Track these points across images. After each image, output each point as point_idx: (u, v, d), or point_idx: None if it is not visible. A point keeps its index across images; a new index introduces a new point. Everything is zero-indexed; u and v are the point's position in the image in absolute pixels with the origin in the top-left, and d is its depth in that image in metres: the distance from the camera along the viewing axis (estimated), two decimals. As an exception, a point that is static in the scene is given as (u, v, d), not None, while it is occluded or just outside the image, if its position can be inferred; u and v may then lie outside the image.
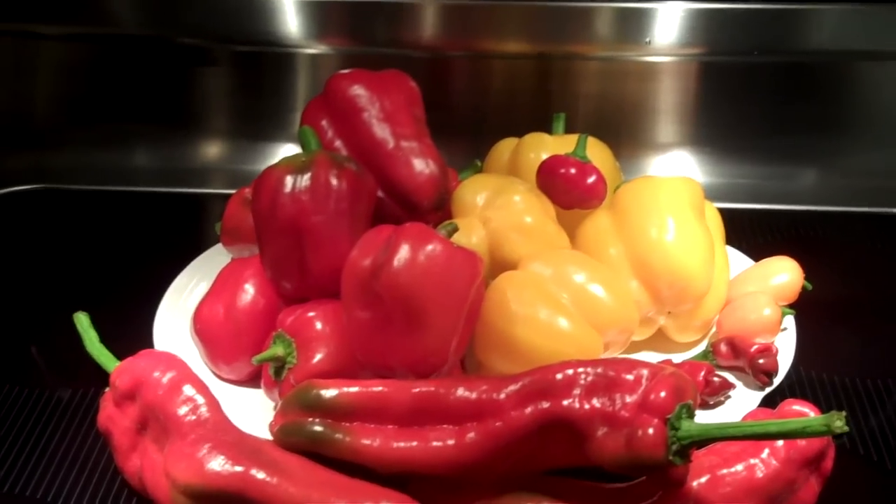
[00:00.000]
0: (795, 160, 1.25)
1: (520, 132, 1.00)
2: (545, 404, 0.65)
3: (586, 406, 0.64)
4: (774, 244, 1.12)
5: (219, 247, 0.96)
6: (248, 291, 0.83)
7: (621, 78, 1.24)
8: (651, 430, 0.61)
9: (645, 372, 0.64)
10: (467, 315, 0.73)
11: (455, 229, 0.75)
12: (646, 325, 0.87)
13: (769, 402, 0.81)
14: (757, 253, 0.98)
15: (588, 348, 0.78)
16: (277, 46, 1.23)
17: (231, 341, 0.82)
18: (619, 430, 0.63)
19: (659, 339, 0.89)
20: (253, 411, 0.81)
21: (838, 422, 0.58)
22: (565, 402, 0.64)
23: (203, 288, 0.89)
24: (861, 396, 0.88)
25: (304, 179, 0.78)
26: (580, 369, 0.65)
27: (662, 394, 0.62)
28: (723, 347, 0.85)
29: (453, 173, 0.97)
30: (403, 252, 0.70)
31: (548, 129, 0.99)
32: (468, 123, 1.26)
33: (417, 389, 0.68)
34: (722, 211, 0.96)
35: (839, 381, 0.89)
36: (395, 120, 0.86)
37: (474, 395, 0.67)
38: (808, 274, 0.93)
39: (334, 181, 0.78)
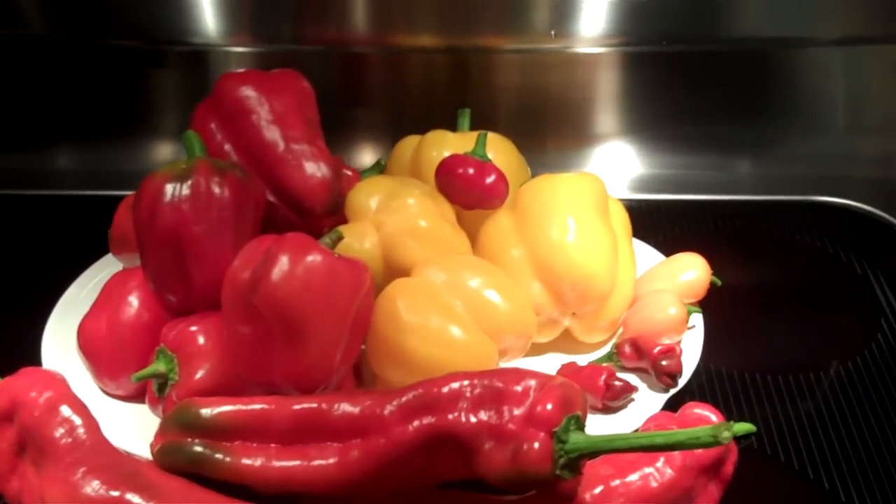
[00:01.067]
0: (722, 150, 1.25)
1: (439, 127, 0.96)
2: (430, 419, 0.62)
3: (472, 420, 0.61)
4: (697, 235, 1.11)
5: (111, 256, 0.92)
6: (132, 304, 0.79)
7: (544, 70, 1.22)
8: (537, 445, 0.59)
9: (533, 383, 0.62)
10: (353, 326, 0.71)
11: (340, 237, 0.72)
12: (550, 326, 0.86)
13: (677, 400, 0.79)
14: (675, 246, 0.96)
15: (482, 356, 0.76)
16: (195, 45, 1.20)
17: (115, 357, 0.79)
18: (506, 444, 0.60)
19: (566, 341, 0.88)
20: (142, 428, 0.78)
21: (726, 432, 0.57)
22: (451, 416, 0.62)
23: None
24: (771, 394, 0.87)
25: (185, 187, 0.75)
26: (466, 382, 0.62)
27: (549, 406, 0.60)
28: (627, 349, 0.83)
29: (356, 174, 0.94)
30: (281, 264, 0.67)
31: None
32: (387, 120, 1.24)
33: (299, 406, 0.65)
34: (643, 202, 0.94)
35: (749, 379, 0.88)
36: (286, 122, 0.83)
37: (357, 411, 0.64)
38: (726, 266, 0.91)
39: (216, 189, 0.75)
